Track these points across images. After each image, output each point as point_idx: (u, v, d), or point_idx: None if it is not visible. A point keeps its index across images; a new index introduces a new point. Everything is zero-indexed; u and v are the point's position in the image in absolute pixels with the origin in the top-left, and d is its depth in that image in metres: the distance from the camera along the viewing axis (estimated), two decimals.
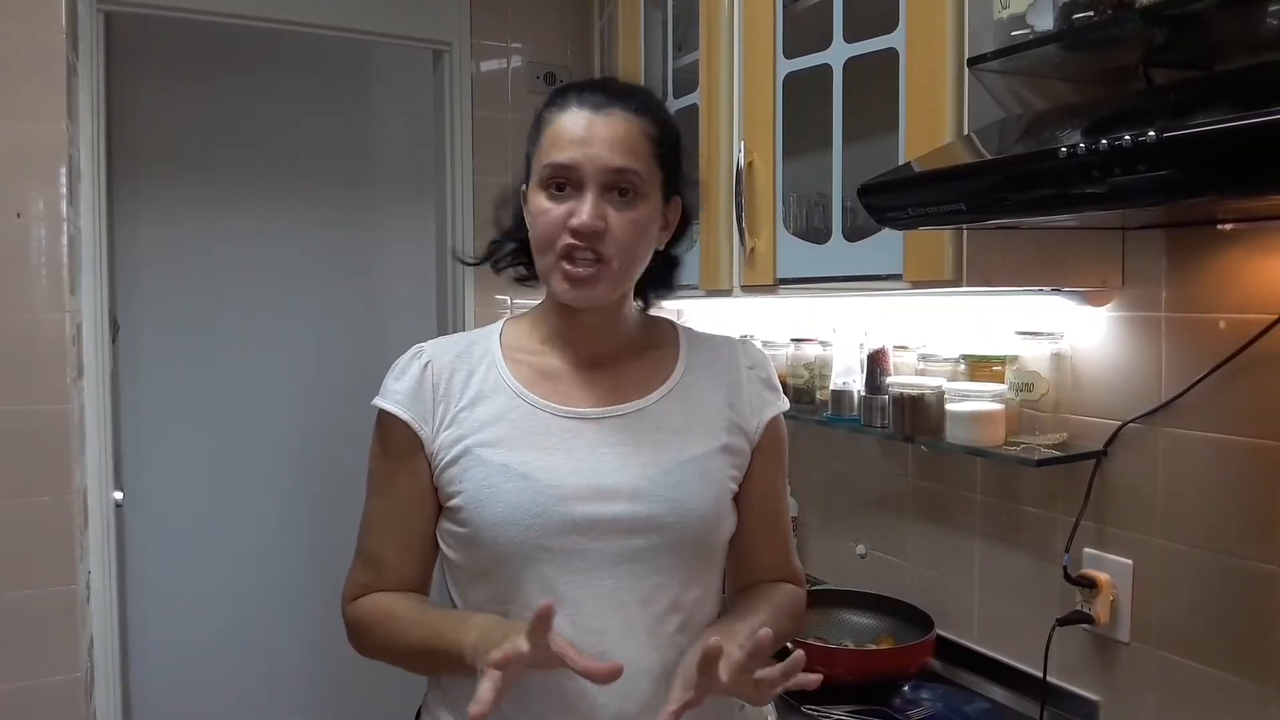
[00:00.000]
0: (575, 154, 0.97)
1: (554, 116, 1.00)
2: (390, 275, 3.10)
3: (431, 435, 1.02)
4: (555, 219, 0.97)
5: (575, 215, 0.96)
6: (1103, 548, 1.39)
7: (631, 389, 1.05)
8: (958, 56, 1.23)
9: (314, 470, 2.93)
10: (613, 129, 0.98)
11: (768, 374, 1.13)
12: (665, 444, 1.03)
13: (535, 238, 1.00)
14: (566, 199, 0.98)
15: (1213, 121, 0.78)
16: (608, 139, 0.98)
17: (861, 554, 1.88)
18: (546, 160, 0.98)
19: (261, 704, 2.90)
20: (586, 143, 0.97)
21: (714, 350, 1.13)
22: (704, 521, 1.02)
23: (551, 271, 1.00)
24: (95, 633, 1.93)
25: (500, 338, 1.08)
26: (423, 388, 1.03)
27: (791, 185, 1.60)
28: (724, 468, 1.06)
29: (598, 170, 0.97)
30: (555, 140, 0.98)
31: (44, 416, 1.71)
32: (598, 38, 2.37)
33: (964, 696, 1.54)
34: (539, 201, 0.99)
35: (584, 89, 1.01)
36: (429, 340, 1.09)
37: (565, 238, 0.97)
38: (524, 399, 1.03)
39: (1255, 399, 1.19)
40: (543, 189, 0.99)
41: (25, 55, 1.69)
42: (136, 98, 2.72)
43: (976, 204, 1.03)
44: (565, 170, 0.97)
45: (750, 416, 1.09)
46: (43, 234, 1.71)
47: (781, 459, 1.14)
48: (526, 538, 0.96)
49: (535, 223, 1.00)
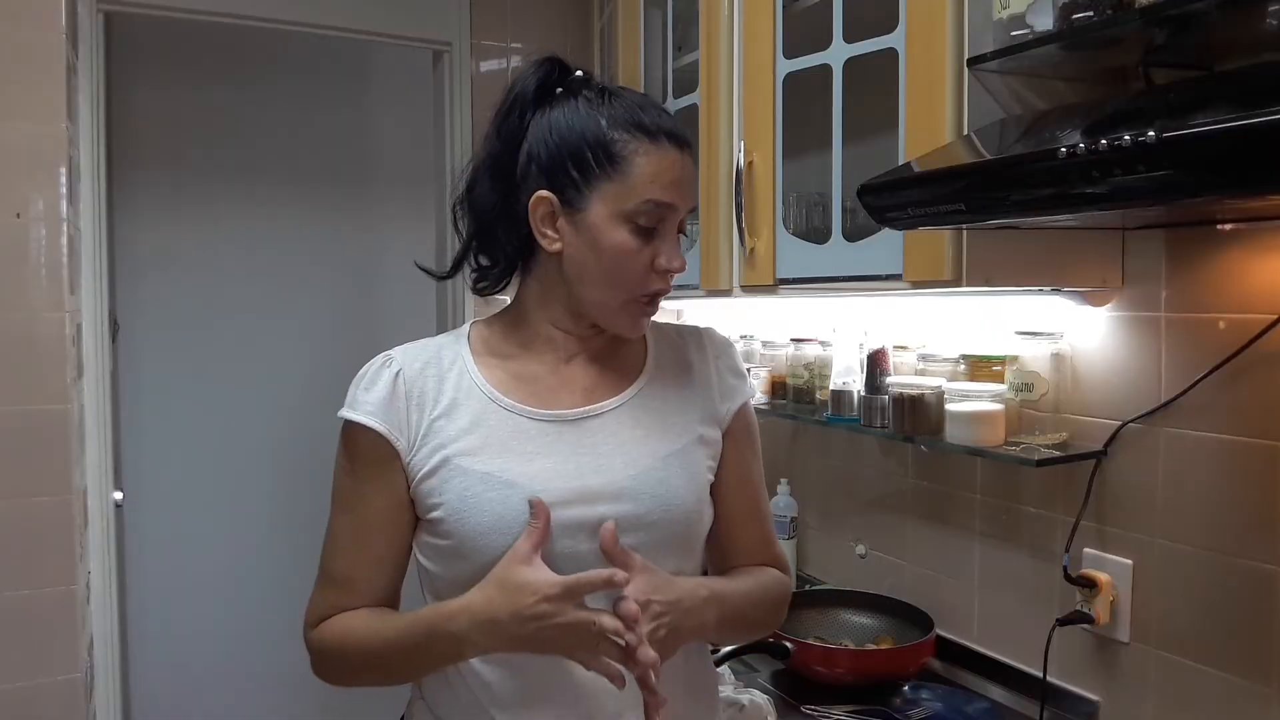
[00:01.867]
0: (676, 197, 0.98)
1: (645, 148, 0.97)
2: (390, 275, 3.10)
3: (408, 446, 0.99)
4: (645, 261, 0.98)
5: (667, 258, 0.98)
6: (1103, 548, 1.40)
7: (605, 387, 1.05)
8: (957, 56, 1.23)
9: (313, 469, 2.89)
10: (690, 171, 1.01)
11: (734, 361, 1.13)
12: (645, 440, 1.02)
13: (611, 275, 0.98)
14: (650, 237, 0.98)
15: (1213, 121, 0.77)
16: (692, 182, 1.01)
17: (861, 554, 1.88)
18: (645, 196, 0.96)
19: (261, 704, 2.90)
20: (682, 185, 0.99)
21: (679, 341, 1.12)
22: (688, 515, 1.02)
23: (624, 310, 1.00)
24: (95, 633, 1.93)
25: (469, 343, 1.06)
26: (395, 397, 0.99)
27: (791, 185, 1.60)
28: (702, 459, 1.05)
29: (685, 214, 1.00)
30: (654, 176, 0.96)
31: (44, 416, 1.71)
32: (598, 38, 2.38)
33: (964, 696, 1.54)
34: (622, 237, 0.97)
35: (652, 112, 0.99)
36: (395, 347, 1.05)
37: (652, 281, 0.99)
38: (499, 404, 1.01)
39: (1255, 399, 1.19)
40: (625, 222, 0.97)
41: (25, 55, 1.69)
42: (136, 98, 2.72)
43: (976, 204, 1.03)
44: (666, 210, 0.97)
45: (720, 404, 1.09)
46: (42, 234, 1.71)
47: (754, 444, 1.13)
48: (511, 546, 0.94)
49: (619, 261, 0.97)
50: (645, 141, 0.97)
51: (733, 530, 1.10)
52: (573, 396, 1.03)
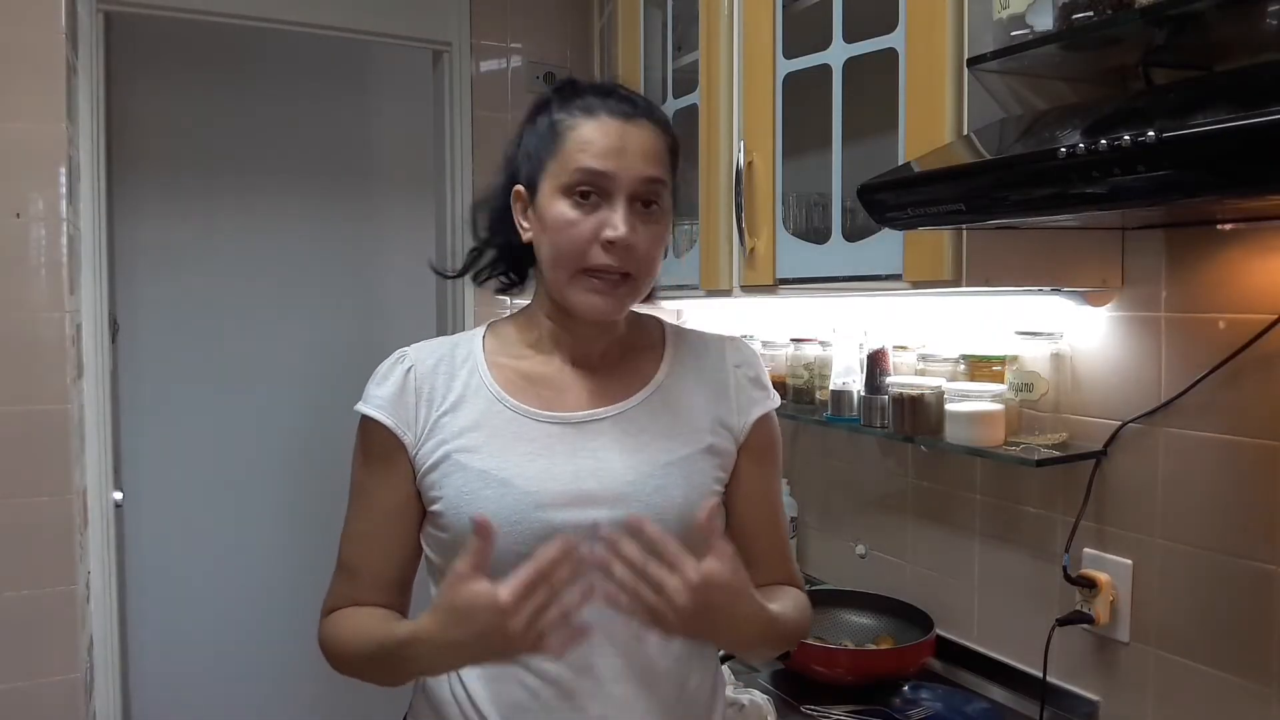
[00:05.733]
0: (611, 163, 0.95)
1: (580, 121, 0.97)
2: (390, 275, 3.10)
3: (414, 440, 1.01)
4: (586, 232, 0.95)
5: (609, 227, 0.95)
6: (1103, 548, 1.40)
7: (614, 391, 1.04)
8: (957, 56, 1.23)
9: (314, 470, 2.92)
10: (644, 140, 0.98)
11: (756, 372, 1.11)
12: (646, 447, 1.01)
13: (555, 248, 0.97)
14: (593, 209, 0.96)
15: (1213, 121, 0.78)
16: (640, 150, 0.97)
17: (861, 554, 1.88)
18: (577, 165, 0.95)
19: (261, 704, 2.91)
20: (621, 153, 0.96)
21: (701, 349, 1.11)
22: (685, 526, 0.98)
23: (571, 285, 0.98)
24: (95, 633, 1.93)
25: (483, 341, 1.07)
26: (405, 392, 1.01)
27: (791, 185, 1.60)
28: (709, 470, 1.04)
29: (632, 180, 0.96)
30: (585, 145, 0.96)
31: (44, 416, 1.71)
32: (597, 38, 2.38)
33: (964, 696, 1.54)
34: (560, 209, 0.96)
35: (606, 95, 1.00)
36: (412, 344, 1.07)
37: (596, 253, 0.95)
38: (504, 404, 1.01)
39: (1255, 399, 1.19)
40: (565, 196, 0.96)
41: (25, 55, 1.69)
42: (136, 98, 2.72)
43: (976, 204, 1.03)
44: (599, 178, 0.95)
45: (736, 416, 1.07)
46: (42, 234, 1.71)
47: (772, 459, 1.11)
48: (505, 545, 0.92)
49: (560, 234, 0.96)
50: (580, 115, 0.98)
51: (746, 544, 1.05)
52: (579, 399, 1.03)
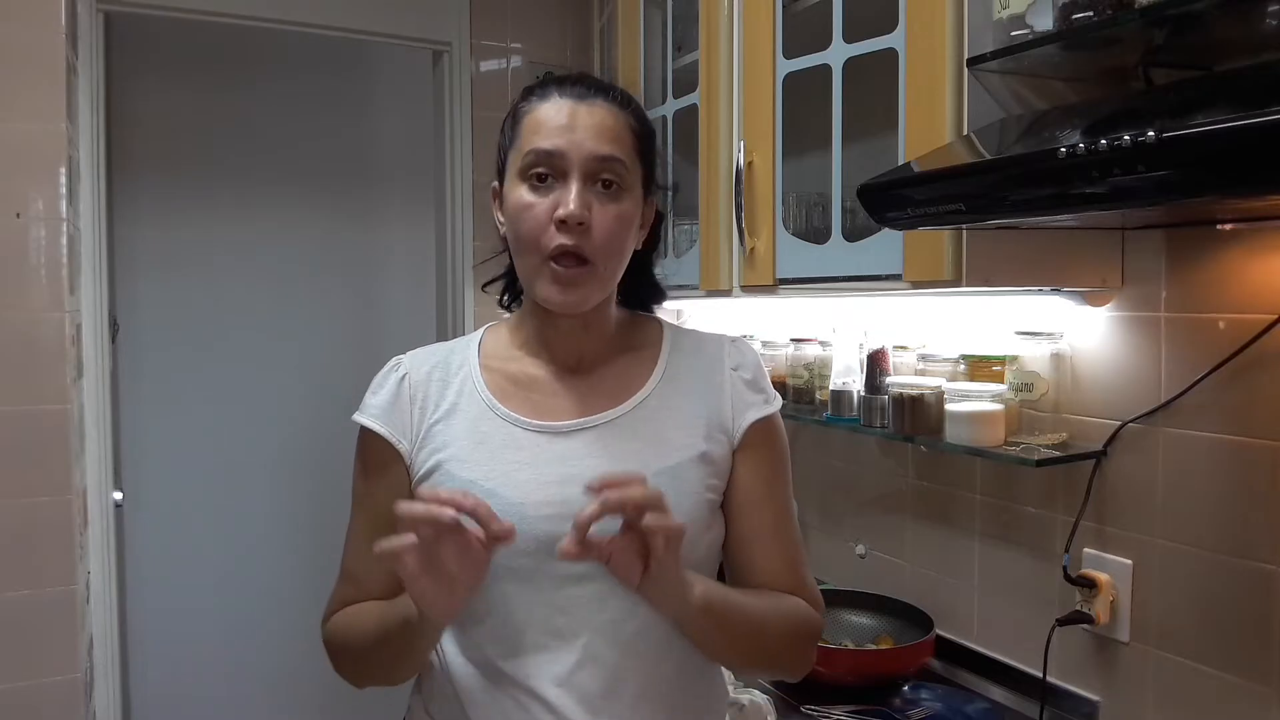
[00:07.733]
0: (559, 140, 0.94)
1: (533, 106, 0.97)
2: (390, 275, 3.10)
3: (409, 449, 1.00)
4: (541, 214, 0.94)
5: (561, 205, 0.93)
6: (1102, 548, 1.40)
7: (605, 396, 1.01)
8: (957, 56, 1.23)
9: (313, 470, 2.92)
10: (597, 118, 0.96)
11: (754, 375, 1.06)
12: (637, 455, 0.97)
13: (518, 235, 0.96)
14: (549, 190, 0.94)
15: (1213, 121, 0.78)
16: (592, 127, 0.95)
17: (861, 554, 1.88)
18: (529, 147, 0.95)
19: (261, 704, 2.91)
20: (571, 130, 0.94)
21: (699, 351, 1.07)
22: None
23: (536, 275, 0.96)
24: (95, 633, 1.93)
25: (480, 345, 1.06)
26: (399, 401, 1.01)
27: (791, 185, 1.60)
28: (702, 477, 0.99)
29: (583, 158, 0.94)
30: (537, 127, 0.95)
31: (44, 416, 1.71)
32: (598, 38, 2.38)
33: (963, 696, 1.54)
34: (519, 195, 0.95)
35: (564, 80, 0.99)
36: (409, 351, 1.06)
37: (553, 236, 0.93)
38: (495, 411, 1.00)
39: (1255, 399, 1.19)
40: (522, 180, 0.95)
41: (25, 55, 1.69)
42: (136, 98, 2.72)
43: (976, 204, 1.03)
44: (549, 157, 0.94)
45: (733, 419, 1.03)
46: (42, 234, 1.71)
47: (771, 462, 1.05)
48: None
49: (518, 219, 0.95)
50: (534, 100, 0.98)
51: (746, 551, 1.03)
52: (569, 405, 1.01)
